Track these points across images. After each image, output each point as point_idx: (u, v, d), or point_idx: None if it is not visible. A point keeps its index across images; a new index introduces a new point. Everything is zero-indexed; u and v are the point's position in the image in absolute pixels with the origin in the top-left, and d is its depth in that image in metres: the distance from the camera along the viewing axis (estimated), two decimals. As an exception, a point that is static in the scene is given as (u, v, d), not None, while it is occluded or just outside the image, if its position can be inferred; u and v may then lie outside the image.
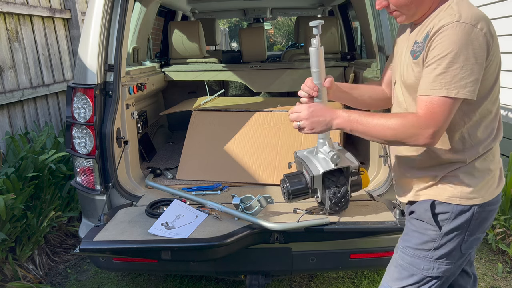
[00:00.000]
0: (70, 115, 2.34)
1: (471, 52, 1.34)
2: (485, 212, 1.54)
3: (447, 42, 1.36)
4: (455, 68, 1.35)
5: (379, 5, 1.56)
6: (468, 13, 1.37)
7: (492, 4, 4.56)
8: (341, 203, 2.00)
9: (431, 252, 1.56)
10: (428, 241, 1.57)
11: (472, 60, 1.35)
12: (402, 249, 1.65)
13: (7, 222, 2.77)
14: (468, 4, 1.43)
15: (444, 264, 1.57)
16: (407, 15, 1.53)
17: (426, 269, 1.58)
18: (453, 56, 1.35)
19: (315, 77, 1.81)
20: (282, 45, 22.40)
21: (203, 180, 2.69)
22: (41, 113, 4.38)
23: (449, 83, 1.36)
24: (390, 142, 1.53)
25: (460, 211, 1.51)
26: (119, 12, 2.38)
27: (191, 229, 1.98)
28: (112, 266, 2.38)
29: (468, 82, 1.36)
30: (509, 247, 3.17)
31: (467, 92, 1.36)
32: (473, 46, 1.34)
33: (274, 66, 3.92)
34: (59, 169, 3.31)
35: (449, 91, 1.36)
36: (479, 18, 1.37)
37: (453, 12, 1.39)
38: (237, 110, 3.05)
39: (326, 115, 1.61)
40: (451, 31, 1.36)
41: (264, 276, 2.30)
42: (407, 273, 1.61)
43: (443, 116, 1.39)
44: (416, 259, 1.59)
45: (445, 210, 1.53)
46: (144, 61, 3.88)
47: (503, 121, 4.30)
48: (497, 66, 1.45)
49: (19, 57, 4.04)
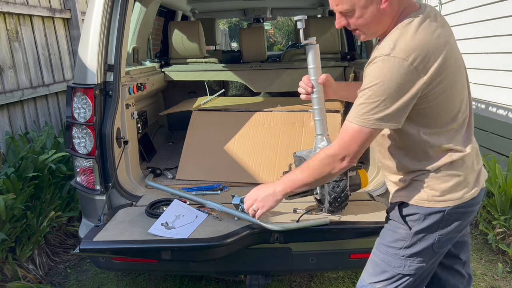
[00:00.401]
0: (70, 115, 2.34)
1: (395, 85, 1.39)
2: (457, 214, 1.56)
3: (374, 74, 1.43)
4: (375, 101, 1.42)
5: (338, 24, 1.59)
6: (403, 44, 1.40)
7: (492, 4, 4.56)
8: (341, 199, 2.01)
9: (402, 250, 1.61)
10: (399, 240, 1.62)
11: (394, 94, 1.40)
12: (377, 245, 1.72)
13: (7, 222, 2.77)
14: (413, 31, 1.43)
15: (416, 262, 1.61)
16: (367, 34, 1.58)
17: (397, 267, 1.62)
18: (376, 89, 1.41)
19: (311, 74, 1.92)
20: (282, 45, 22.39)
21: (203, 180, 2.69)
22: (41, 113, 4.38)
23: (366, 113, 1.45)
24: (320, 180, 1.67)
25: (429, 213, 1.56)
26: (119, 12, 2.38)
27: (191, 229, 1.98)
28: (112, 266, 2.37)
29: (386, 115, 1.43)
30: (509, 247, 3.17)
31: (383, 123, 1.44)
32: (399, 80, 1.39)
33: (274, 66, 3.92)
34: (59, 169, 3.31)
35: (364, 122, 1.46)
36: (413, 49, 1.39)
37: (390, 42, 1.42)
38: (237, 110, 3.05)
39: (269, 189, 1.78)
40: (380, 64, 1.42)
41: (264, 276, 2.30)
42: (380, 270, 1.67)
43: (355, 144, 1.51)
44: (388, 256, 1.65)
45: (414, 211, 1.58)
46: (144, 61, 3.88)
47: (503, 121, 4.30)
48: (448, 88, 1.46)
49: (19, 57, 4.04)
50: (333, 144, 1.57)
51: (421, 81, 1.40)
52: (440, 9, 5.90)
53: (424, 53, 1.39)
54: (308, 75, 1.95)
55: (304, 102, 3.09)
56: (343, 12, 1.54)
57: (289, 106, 3.05)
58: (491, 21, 4.59)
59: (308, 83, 1.91)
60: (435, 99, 1.45)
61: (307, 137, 2.77)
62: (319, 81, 1.90)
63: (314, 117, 2.00)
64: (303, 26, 1.90)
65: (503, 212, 3.30)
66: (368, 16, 1.50)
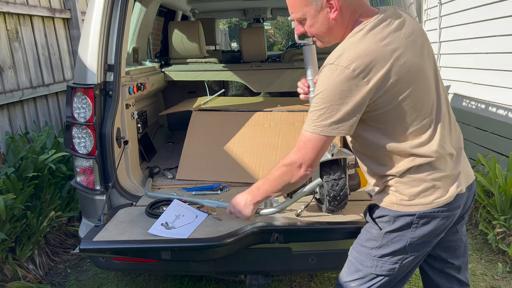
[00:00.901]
0: (70, 115, 2.34)
1: (338, 93, 1.43)
2: (429, 218, 1.55)
3: (320, 83, 1.48)
4: (321, 108, 1.47)
5: (297, 31, 1.65)
6: (349, 53, 1.43)
7: (492, 4, 4.56)
8: (340, 197, 2.01)
9: (374, 250, 1.62)
10: (371, 239, 1.64)
11: (339, 101, 1.44)
12: (353, 245, 1.74)
13: (7, 222, 2.77)
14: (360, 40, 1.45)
15: (388, 264, 1.61)
16: (324, 41, 1.63)
17: (369, 266, 1.64)
18: (321, 96, 1.46)
19: (308, 74, 1.93)
20: (282, 45, 22.39)
21: (203, 180, 2.69)
22: (41, 113, 4.38)
23: (315, 120, 1.49)
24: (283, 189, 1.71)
25: (399, 215, 1.56)
26: (119, 12, 2.38)
27: (191, 229, 1.98)
28: (112, 266, 2.37)
29: (332, 122, 1.47)
30: (509, 247, 3.17)
31: (331, 130, 1.48)
32: (342, 87, 1.42)
33: (274, 66, 3.92)
34: (59, 169, 3.31)
35: (315, 129, 1.50)
36: (356, 58, 1.41)
37: (337, 51, 1.47)
38: (237, 110, 3.05)
39: (242, 199, 1.86)
40: (325, 73, 1.46)
41: (264, 276, 2.30)
42: (354, 268, 1.69)
43: (310, 152, 1.54)
44: (361, 256, 1.66)
45: (384, 213, 1.60)
46: (144, 61, 3.88)
47: (503, 121, 4.30)
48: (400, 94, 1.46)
49: (19, 57, 4.04)
50: (290, 153, 1.61)
51: (365, 88, 1.42)
52: (440, 9, 5.90)
53: (368, 61, 1.41)
54: None
55: (304, 102, 3.09)
56: (298, 20, 1.61)
57: (289, 106, 3.05)
58: (491, 21, 4.59)
59: (304, 82, 1.94)
60: (387, 105, 1.47)
61: (307, 137, 2.77)
62: (314, 81, 1.91)
63: None
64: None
65: (503, 212, 3.30)
66: (319, 25, 1.55)
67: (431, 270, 1.81)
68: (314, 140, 1.52)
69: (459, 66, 5.48)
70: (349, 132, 1.50)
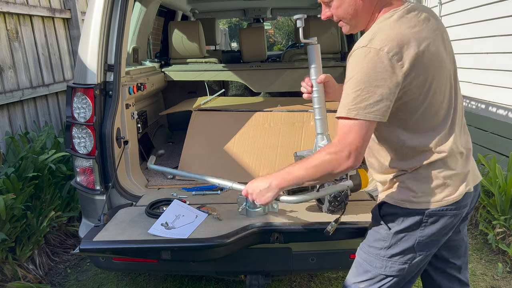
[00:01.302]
0: (70, 115, 2.34)
1: (373, 74, 1.39)
2: (438, 216, 1.54)
3: (352, 66, 1.44)
4: (355, 91, 1.41)
5: (324, 15, 1.62)
6: (381, 36, 1.42)
7: (492, 4, 4.56)
8: (341, 198, 2.01)
9: (383, 250, 1.61)
10: (380, 240, 1.62)
11: (374, 83, 1.40)
12: (361, 245, 1.72)
13: (7, 222, 2.77)
14: (392, 24, 1.45)
15: (398, 264, 1.60)
16: (350, 25, 1.60)
17: (379, 267, 1.62)
18: (355, 79, 1.42)
19: (311, 73, 1.93)
20: (282, 45, 22.39)
21: (203, 180, 2.69)
22: (41, 113, 4.38)
23: (349, 104, 1.43)
24: (321, 178, 1.58)
25: (408, 213, 1.55)
26: (119, 12, 2.38)
27: (191, 229, 1.98)
28: (112, 266, 2.37)
29: (368, 104, 1.41)
30: (509, 247, 3.16)
31: (366, 114, 1.41)
32: (376, 69, 1.39)
33: (274, 66, 3.92)
34: (59, 169, 3.31)
35: (348, 112, 1.43)
36: (390, 41, 1.40)
37: (369, 35, 1.45)
38: (237, 110, 3.04)
39: (265, 183, 1.68)
40: (358, 56, 1.43)
41: (264, 276, 2.30)
42: (363, 269, 1.67)
43: (353, 137, 1.44)
44: (370, 256, 1.65)
45: (393, 212, 1.58)
46: (144, 61, 3.88)
47: (503, 121, 4.30)
48: (426, 83, 1.46)
49: (19, 57, 4.04)
50: (333, 144, 1.51)
51: (399, 71, 1.40)
52: (440, 9, 5.90)
53: (401, 44, 1.40)
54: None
55: (304, 102, 3.09)
56: (325, 2, 1.58)
57: (289, 106, 3.05)
58: (491, 21, 4.59)
59: (308, 82, 1.93)
60: (413, 94, 1.45)
61: (307, 137, 2.77)
62: (317, 80, 1.92)
63: (315, 116, 2.01)
64: (303, 25, 1.90)
65: (503, 212, 3.30)
66: (346, 5, 1.53)
67: (433, 269, 1.81)
68: (354, 125, 1.44)
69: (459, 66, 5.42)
70: (384, 117, 1.44)
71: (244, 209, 2.12)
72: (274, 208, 2.12)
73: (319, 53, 1.94)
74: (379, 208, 1.64)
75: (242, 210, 2.13)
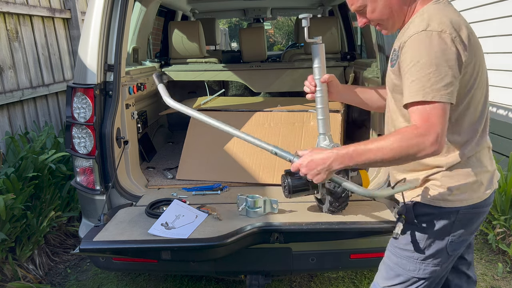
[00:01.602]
0: (70, 115, 2.34)
1: (441, 55, 1.36)
2: (470, 214, 1.54)
3: (415, 50, 1.39)
4: (427, 73, 1.36)
5: (361, 23, 1.62)
6: (437, 20, 1.40)
7: (492, 4, 4.56)
8: (341, 199, 2.00)
9: (416, 253, 1.59)
10: (413, 242, 1.59)
11: (444, 63, 1.35)
12: (391, 249, 1.68)
13: (7, 222, 2.77)
14: (441, 10, 1.45)
15: (431, 266, 1.59)
16: (387, 27, 1.59)
17: (412, 270, 1.60)
18: (423, 63, 1.37)
19: (315, 73, 1.90)
20: (282, 45, 22.39)
21: (203, 180, 2.69)
22: (41, 113, 4.38)
23: (423, 87, 1.36)
24: (397, 161, 1.46)
25: (443, 212, 1.53)
26: (119, 12, 2.38)
27: (191, 229, 1.98)
28: (112, 266, 2.37)
29: (441, 87, 1.35)
30: (509, 247, 3.17)
31: (442, 95, 1.35)
32: (444, 51, 1.36)
33: (274, 66, 3.92)
34: (59, 169, 3.31)
35: (426, 95, 1.36)
36: (448, 24, 1.39)
37: (423, 21, 1.42)
38: (237, 110, 3.04)
39: (323, 163, 1.54)
40: (420, 40, 1.38)
41: (264, 276, 2.30)
42: (394, 273, 1.65)
43: (435, 121, 1.36)
44: (403, 260, 1.62)
45: (428, 211, 1.55)
46: (144, 61, 3.88)
47: (503, 121, 4.30)
48: (474, 71, 1.44)
49: (19, 57, 4.04)
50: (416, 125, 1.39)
51: (462, 54, 1.38)
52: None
53: (458, 28, 1.39)
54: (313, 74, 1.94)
55: (304, 102, 3.09)
56: (359, 10, 1.58)
57: (289, 106, 3.04)
58: (491, 21, 4.59)
59: (312, 81, 1.90)
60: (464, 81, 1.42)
61: (307, 137, 2.77)
62: (321, 80, 1.89)
63: (317, 116, 2.00)
64: (308, 24, 1.88)
65: (503, 212, 3.30)
66: (380, 9, 1.53)
67: None
68: (431, 110, 1.36)
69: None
70: (454, 100, 1.38)
71: (244, 209, 2.12)
72: (274, 208, 2.12)
73: (323, 52, 1.92)
74: (413, 209, 1.58)
75: (242, 210, 2.13)
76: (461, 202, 1.52)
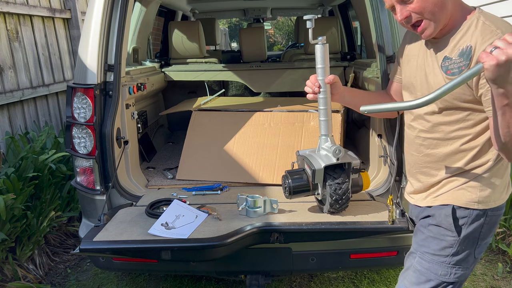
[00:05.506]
0: (70, 115, 2.34)
1: None
2: (495, 216, 1.55)
3: None
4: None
5: (402, 15, 1.46)
6: (504, 26, 1.37)
7: (492, 4, 4.56)
8: (342, 201, 2.01)
9: (449, 258, 1.58)
10: (446, 247, 1.58)
11: None
12: (421, 254, 1.66)
13: (7, 222, 2.77)
14: (494, 16, 1.43)
15: (460, 270, 1.59)
16: (435, 22, 1.44)
17: (443, 275, 1.59)
18: None
19: (319, 74, 1.88)
20: (282, 45, 22.40)
21: (203, 180, 2.69)
22: (41, 113, 4.38)
23: None
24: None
25: (476, 215, 1.53)
26: (119, 12, 2.38)
27: (191, 229, 1.98)
28: (112, 266, 2.38)
29: None
30: (509, 247, 3.17)
31: None
32: None
33: (274, 66, 3.92)
34: (59, 169, 3.31)
35: None
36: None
37: (491, 28, 1.37)
38: (237, 110, 3.04)
39: None
40: None
41: (264, 276, 2.30)
42: (425, 278, 1.63)
43: None
44: (434, 265, 1.61)
45: (462, 215, 1.54)
46: (144, 61, 3.88)
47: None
48: None
49: (19, 57, 4.05)
50: None
51: None
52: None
53: None
54: (316, 74, 1.91)
55: (304, 102, 3.09)
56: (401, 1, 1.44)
57: (289, 106, 3.04)
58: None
59: (315, 82, 1.86)
60: None
61: (307, 137, 2.77)
62: (326, 81, 1.86)
63: (320, 117, 1.99)
64: (313, 25, 1.87)
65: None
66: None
67: None
68: None
69: (459, 66, 5.46)
70: None
71: (244, 209, 2.12)
72: (274, 208, 2.12)
73: (327, 53, 1.90)
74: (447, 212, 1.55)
75: (242, 210, 2.13)
76: (491, 203, 1.52)
